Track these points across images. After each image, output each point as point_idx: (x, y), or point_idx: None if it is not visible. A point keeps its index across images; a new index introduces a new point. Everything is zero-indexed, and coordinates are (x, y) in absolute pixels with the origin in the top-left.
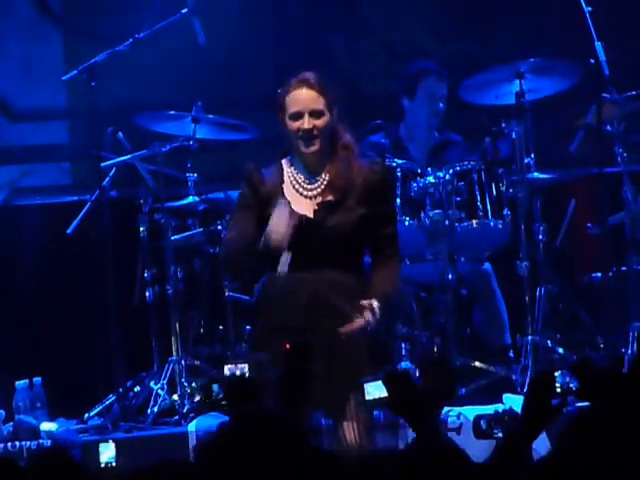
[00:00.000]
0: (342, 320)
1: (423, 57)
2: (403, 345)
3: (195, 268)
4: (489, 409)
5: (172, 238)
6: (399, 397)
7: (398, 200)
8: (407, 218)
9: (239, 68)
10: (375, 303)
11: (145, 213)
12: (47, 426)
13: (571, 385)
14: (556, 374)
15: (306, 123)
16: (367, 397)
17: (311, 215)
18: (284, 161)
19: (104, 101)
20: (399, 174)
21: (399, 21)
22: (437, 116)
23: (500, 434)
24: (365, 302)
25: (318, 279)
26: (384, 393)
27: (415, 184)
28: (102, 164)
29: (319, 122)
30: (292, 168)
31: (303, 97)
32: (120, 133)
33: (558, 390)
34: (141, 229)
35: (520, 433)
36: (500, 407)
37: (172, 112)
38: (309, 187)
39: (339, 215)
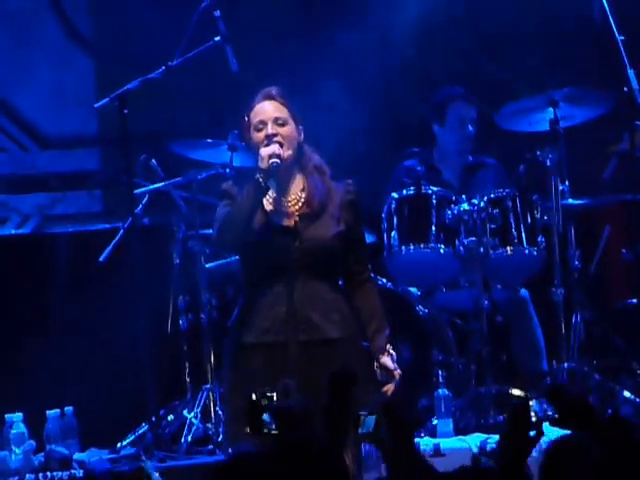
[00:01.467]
0: (318, 334)
1: (454, 83)
2: (439, 372)
3: (229, 296)
4: None
5: (206, 266)
6: (389, 429)
7: (433, 227)
8: (442, 245)
9: None
10: (390, 349)
11: (179, 240)
12: (79, 456)
13: (549, 413)
14: (531, 403)
15: (269, 128)
16: (360, 430)
17: (291, 225)
18: None
19: (136, 128)
20: (434, 201)
21: (433, 49)
22: (467, 140)
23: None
24: (383, 359)
25: (295, 293)
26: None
27: (449, 211)
28: (135, 191)
29: (283, 129)
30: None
31: (266, 107)
32: (153, 160)
33: (534, 419)
34: (174, 257)
35: (500, 466)
36: None
37: (209, 140)
38: (286, 204)
39: (318, 228)
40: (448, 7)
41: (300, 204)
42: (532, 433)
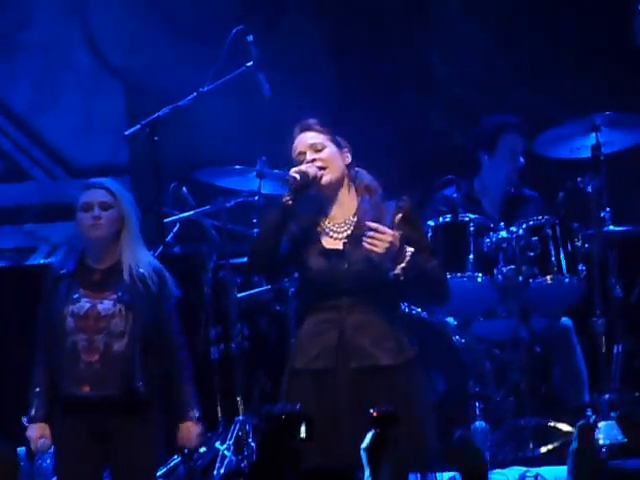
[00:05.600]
0: (369, 361)
1: (494, 111)
2: (477, 404)
3: (261, 326)
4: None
5: (237, 295)
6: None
7: (471, 256)
8: (480, 274)
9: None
10: (409, 249)
11: (210, 270)
12: None
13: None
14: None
15: (308, 156)
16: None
17: (340, 248)
18: None
19: (167, 156)
20: (472, 229)
21: (469, 73)
22: (517, 172)
23: None
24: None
25: (344, 322)
26: None
27: (488, 239)
28: (165, 220)
29: (321, 154)
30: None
31: (302, 139)
32: (184, 188)
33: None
34: (205, 286)
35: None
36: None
37: (237, 167)
38: (339, 230)
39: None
40: (484, 33)
41: (352, 227)
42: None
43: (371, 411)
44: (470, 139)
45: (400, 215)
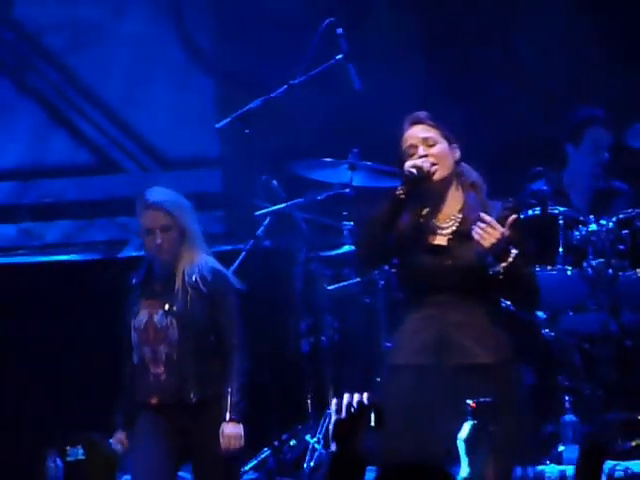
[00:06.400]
0: (469, 359)
1: (584, 102)
2: (566, 397)
3: (351, 318)
4: None
5: (327, 288)
6: None
7: (560, 249)
8: (569, 267)
9: (395, 114)
10: (514, 251)
11: (300, 262)
12: None
13: None
14: None
15: (420, 150)
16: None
17: (444, 244)
18: None
19: (258, 149)
20: (561, 222)
21: (559, 65)
22: (601, 166)
23: None
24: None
25: (446, 319)
26: None
27: (577, 232)
28: (256, 213)
29: (434, 149)
30: (424, 211)
31: (414, 131)
32: (274, 181)
33: None
34: (295, 279)
35: None
36: None
37: (329, 159)
38: (445, 226)
39: (472, 246)
40: (575, 25)
41: (457, 223)
42: None
43: (469, 402)
44: (558, 131)
45: (514, 217)
